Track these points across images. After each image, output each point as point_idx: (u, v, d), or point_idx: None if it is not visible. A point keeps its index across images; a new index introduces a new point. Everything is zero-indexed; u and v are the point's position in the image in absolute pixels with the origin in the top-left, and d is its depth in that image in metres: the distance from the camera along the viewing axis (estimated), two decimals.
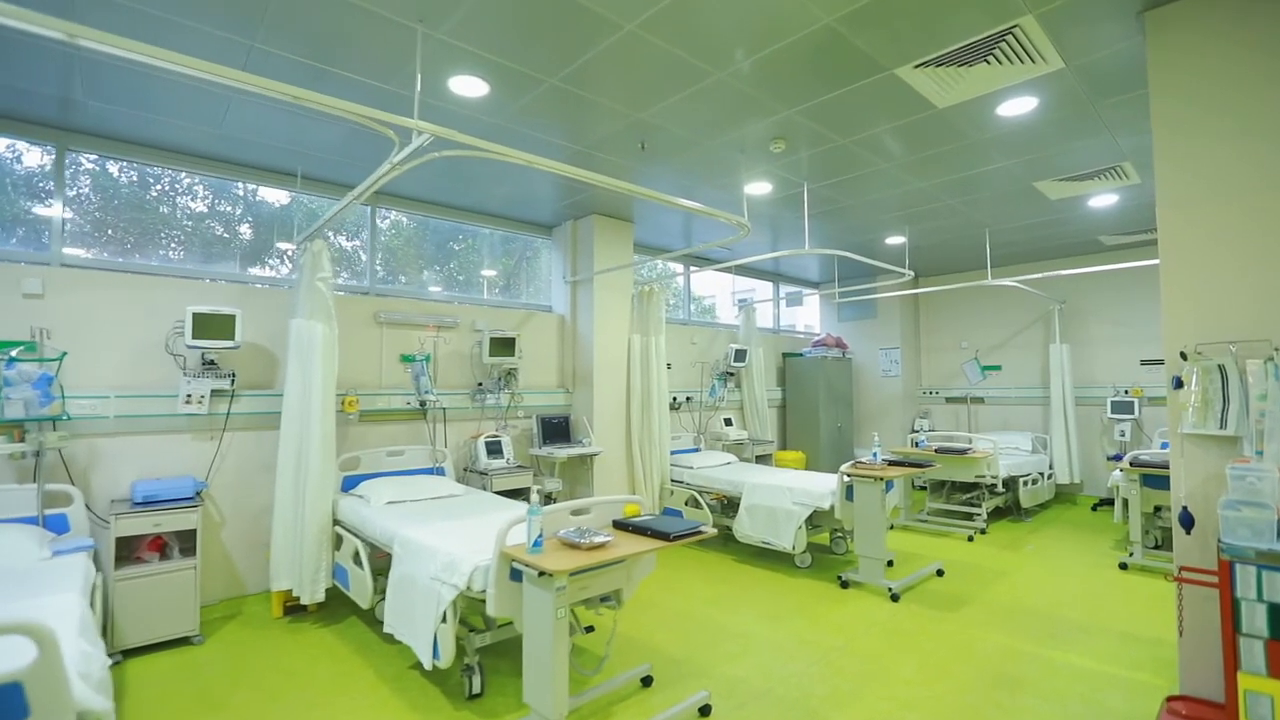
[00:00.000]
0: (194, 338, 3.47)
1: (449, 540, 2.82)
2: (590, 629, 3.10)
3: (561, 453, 4.88)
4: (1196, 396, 2.31)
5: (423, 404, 4.52)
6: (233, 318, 3.58)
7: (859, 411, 8.32)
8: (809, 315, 9.19)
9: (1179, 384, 2.37)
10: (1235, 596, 1.90)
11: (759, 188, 4.67)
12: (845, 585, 4.19)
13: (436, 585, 2.61)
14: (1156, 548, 4.96)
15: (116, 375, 3.50)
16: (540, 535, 2.32)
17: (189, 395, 3.60)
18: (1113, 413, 6.63)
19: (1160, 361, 6.63)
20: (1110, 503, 6.64)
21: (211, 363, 3.71)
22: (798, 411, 7.58)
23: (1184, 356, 2.37)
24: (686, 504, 5.28)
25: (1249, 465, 2.00)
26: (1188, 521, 2.30)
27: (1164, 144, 2.49)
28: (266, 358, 3.99)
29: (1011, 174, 4.43)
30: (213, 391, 3.70)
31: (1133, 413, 6.54)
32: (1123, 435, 6.62)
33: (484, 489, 4.48)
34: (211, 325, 3.52)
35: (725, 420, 6.54)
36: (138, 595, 3.14)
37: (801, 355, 7.63)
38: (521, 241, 5.79)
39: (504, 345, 4.86)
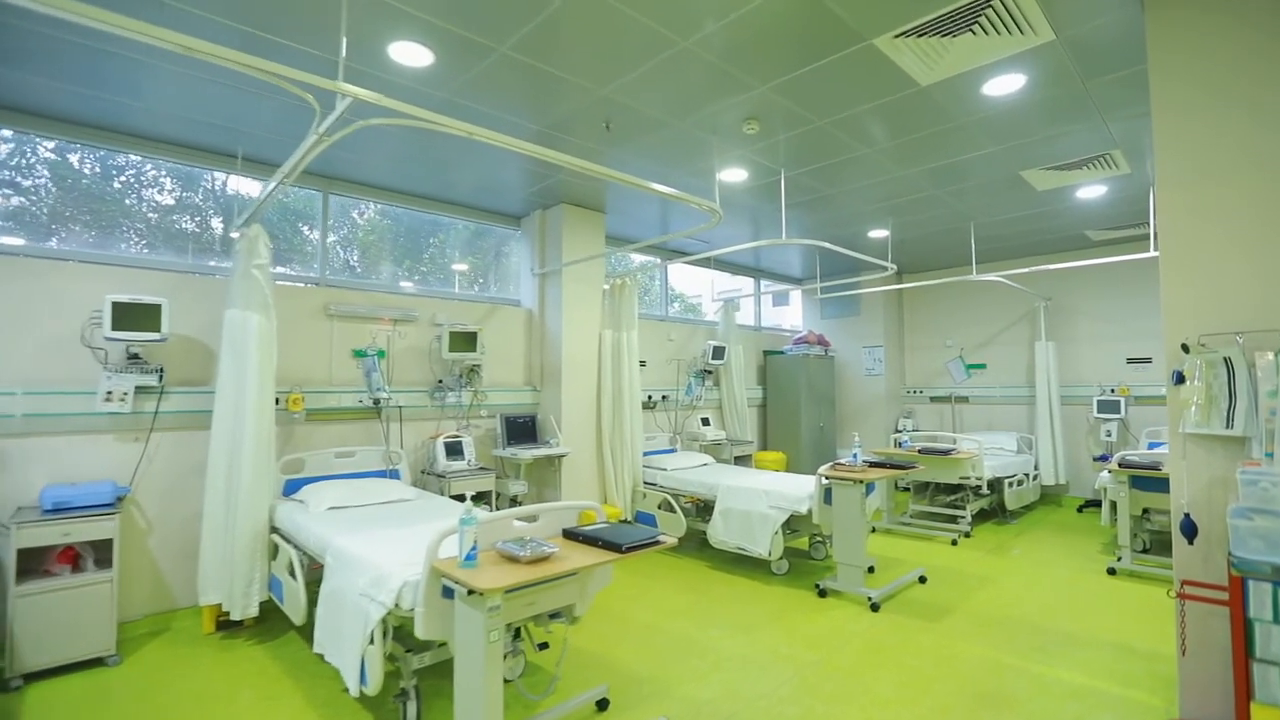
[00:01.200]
0: (114, 329, 3.17)
1: (382, 551, 2.55)
2: (544, 646, 2.85)
3: (526, 454, 4.62)
4: (1200, 393, 2.10)
5: (376, 402, 4.24)
6: (158, 307, 3.28)
7: (841, 411, 8.12)
8: (796, 316, 8.98)
9: (1180, 379, 2.16)
10: (1248, 617, 1.69)
11: (734, 174, 4.43)
12: (823, 594, 3.96)
13: (365, 602, 2.34)
14: (1145, 552, 4.79)
15: (25, 370, 3.19)
16: (474, 547, 2.06)
17: (110, 392, 3.29)
18: (1099, 412, 6.48)
19: (1148, 360, 6.49)
20: (1096, 504, 6.49)
21: (136, 357, 3.41)
22: (778, 411, 7.37)
23: (1185, 349, 2.16)
24: (660, 507, 5.04)
25: (1261, 469, 1.79)
26: (1190, 530, 2.09)
27: (1163, 122, 2.28)
28: (202, 352, 3.69)
29: (998, 162, 4.23)
30: (138, 388, 3.39)
31: (1119, 412, 6.38)
32: (1109, 435, 6.47)
33: (441, 493, 4.20)
34: (134, 316, 3.23)
35: (702, 420, 6.30)
36: (43, 612, 2.84)
37: (783, 353, 7.41)
38: (497, 236, 5.51)
39: (465, 340, 4.59)
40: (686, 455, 5.65)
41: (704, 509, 4.94)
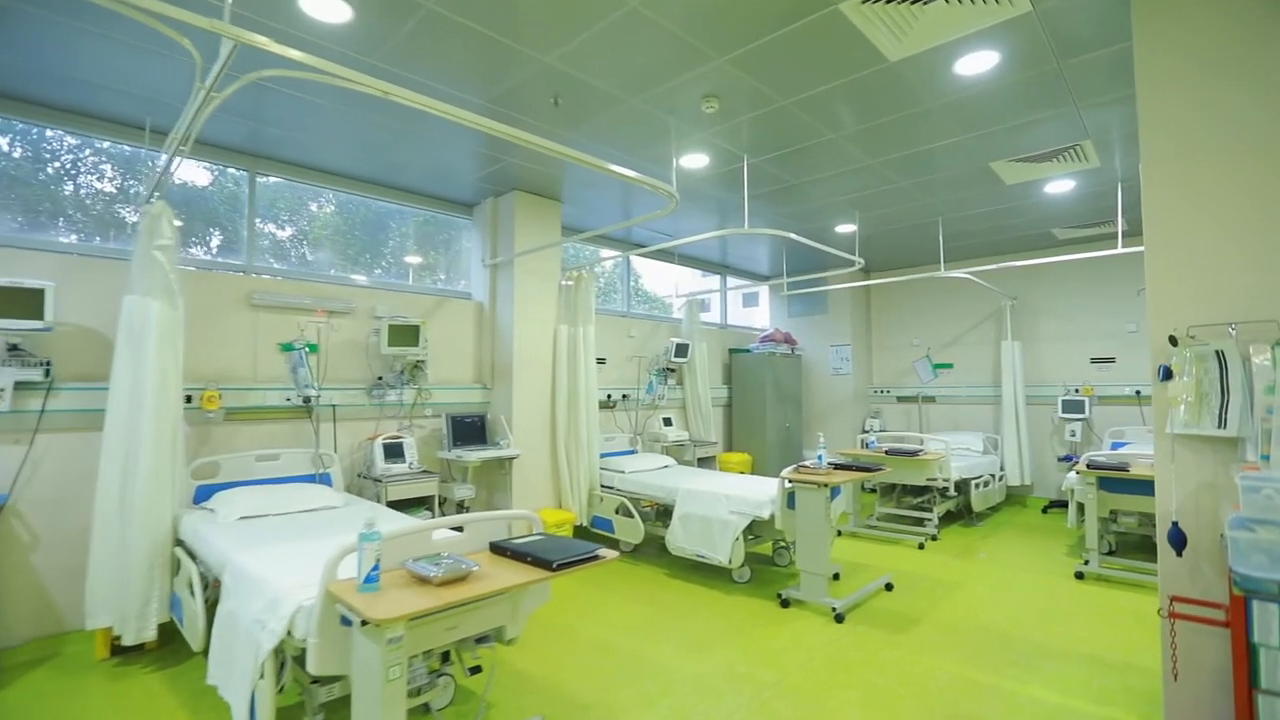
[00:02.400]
0: None
1: (283, 570, 2.23)
2: (477, 669, 2.56)
3: (473, 456, 4.31)
4: (1189, 390, 1.91)
5: (306, 400, 3.88)
6: (41, 293, 2.90)
7: (808, 411, 7.96)
8: (766, 317, 8.79)
9: (1167, 375, 1.97)
10: (1252, 642, 1.49)
11: (695, 160, 4.19)
12: (785, 604, 3.74)
13: (257, 630, 2.03)
14: (1110, 554, 4.69)
15: None
16: (376, 567, 1.77)
17: None
18: (1064, 412, 6.41)
19: (1111, 360, 6.45)
20: (1061, 504, 6.43)
21: (15, 348, 3.01)
22: (744, 411, 7.16)
23: (1174, 341, 1.97)
24: (617, 512, 4.77)
25: (1264, 475, 1.60)
26: (1179, 541, 1.90)
27: (1149, 94, 2.10)
28: (100, 344, 3.30)
29: (967, 151, 4.06)
30: (17, 384, 3.00)
31: (1083, 412, 6.33)
32: (1073, 435, 6.41)
33: (377, 499, 3.87)
34: (11, 301, 2.84)
35: (664, 420, 6.05)
36: None
37: (748, 351, 7.21)
38: (448, 225, 5.18)
39: (406, 334, 4.25)
40: (647, 457, 5.39)
41: (664, 513, 4.69)
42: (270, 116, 3.55)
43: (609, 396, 5.82)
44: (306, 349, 3.71)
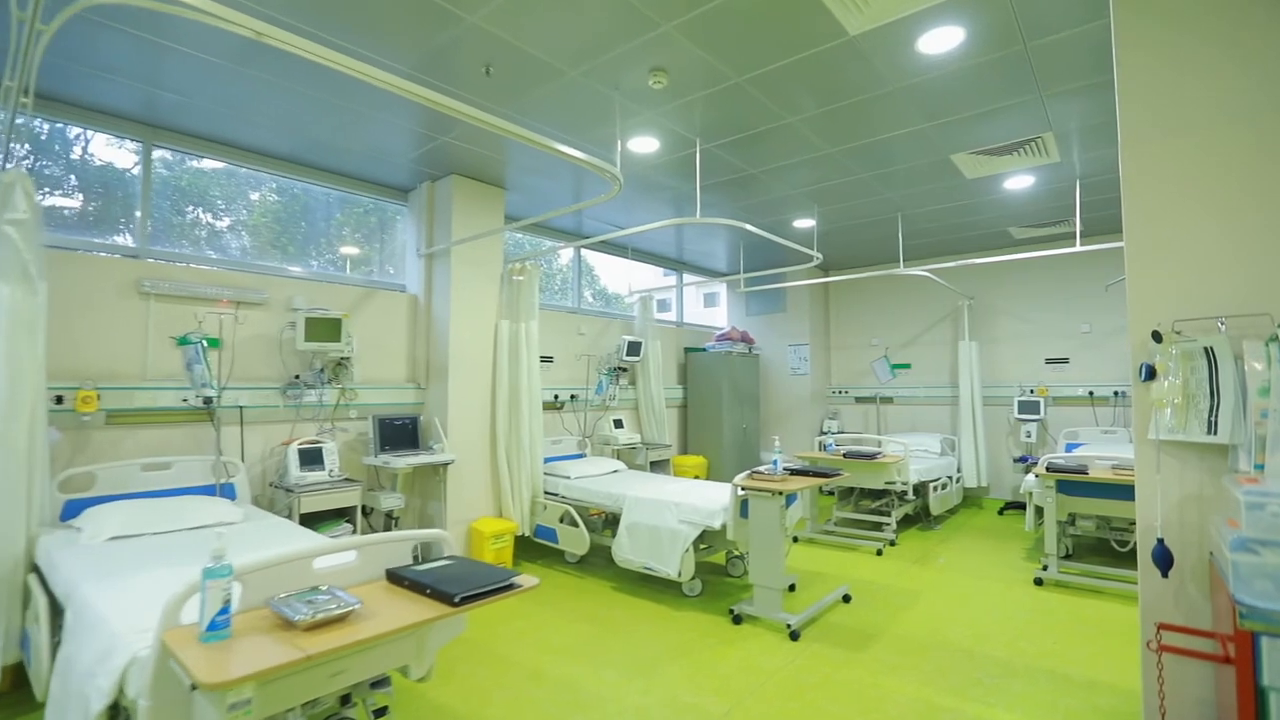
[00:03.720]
0: None
1: (133, 605, 1.85)
2: (382, 711, 2.22)
3: (402, 462, 3.94)
4: (1175, 391, 1.71)
5: (207, 401, 3.45)
6: None
7: (766, 412, 7.78)
8: (725, 317, 8.59)
9: (1150, 374, 1.77)
10: (1261, 685, 1.28)
11: (644, 144, 3.91)
12: (738, 620, 3.49)
13: (87, 683, 1.65)
14: (1067, 558, 4.59)
15: None
16: (227, 610, 1.42)
17: None
18: (1019, 413, 6.37)
19: (1065, 360, 6.43)
20: (1016, 506, 6.37)
21: None
22: (700, 412, 6.92)
23: (1157, 337, 1.77)
24: (562, 521, 4.46)
25: (1268, 488, 1.39)
26: (1165, 560, 1.70)
27: (1128, 62, 1.90)
28: None
29: (928, 142, 3.89)
30: None
31: (1039, 413, 6.29)
32: (1029, 436, 6.37)
33: (288, 511, 3.47)
34: None
35: (615, 422, 5.76)
36: None
37: (705, 350, 6.97)
38: (382, 212, 4.78)
39: (326, 328, 3.85)
40: (595, 461, 5.09)
41: (612, 521, 4.40)
42: (167, 79, 3.12)
43: (556, 397, 5.49)
44: (204, 343, 3.28)
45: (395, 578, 1.82)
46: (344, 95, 3.27)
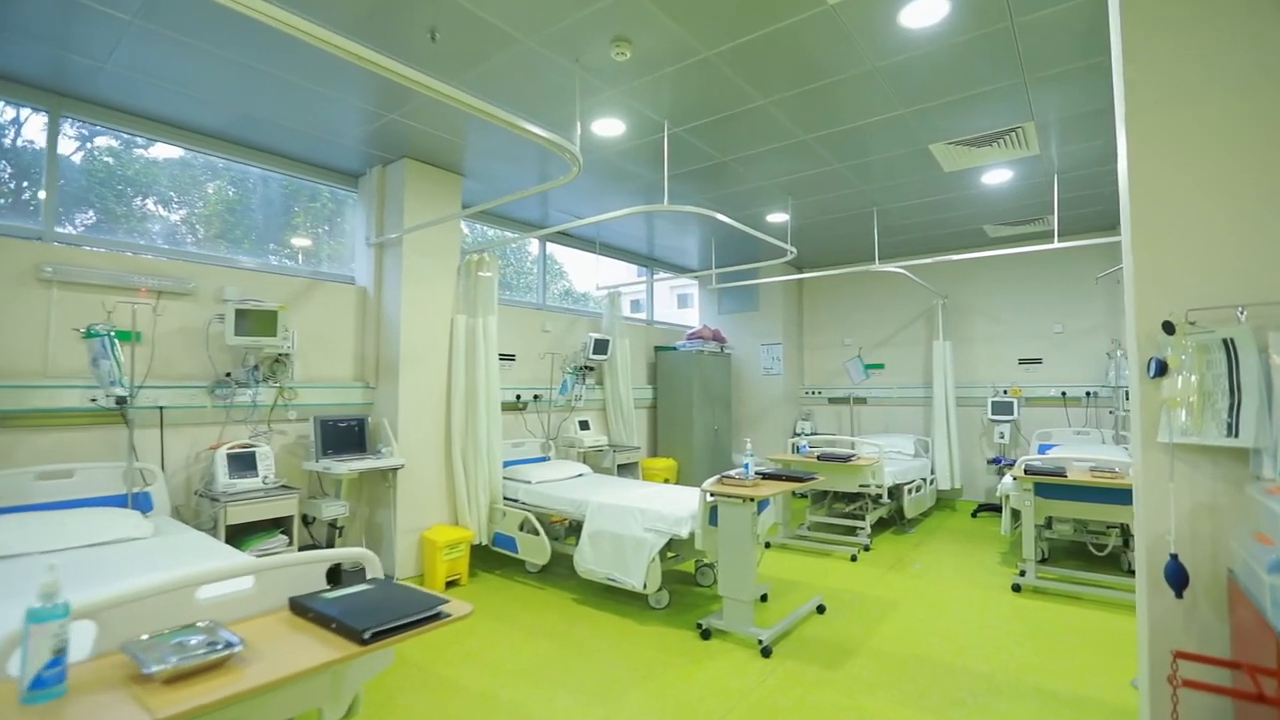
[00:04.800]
0: None
1: None
2: None
3: (344, 466, 3.62)
4: (1190, 388, 1.52)
5: (120, 402, 3.10)
6: None
7: (738, 413, 7.58)
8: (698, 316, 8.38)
9: (1161, 369, 1.58)
10: None
11: (609, 126, 3.67)
12: (706, 635, 3.26)
13: None
14: (1043, 561, 4.47)
15: None
16: (59, 660, 1.14)
17: None
18: (993, 414, 6.27)
19: (1038, 360, 6.36)
20: (990, 508, 6.28)
21: None
22: (670, 413, 6.70)
23: (1169, 329, 1.58)
24: (521, 528, 4.19)
25: None
26: (1179, 579, 1.51)
27: (1133, 18, 1.71)
28: None
29: (907, 130, 3.72)
30: None
31: (1012, 414, 6.21)
32: (1002, 437, 6.28)
33: (213, 523, 3.14)
34: None
35: (580, 423, 5.50)
36: None
37: (675, 349, 6.75)
38: (340, 204, 4.44)
39: (259, 321, 3.52)
40: (559, 465, 4.82)
41: (576, 529, 4.13)
42: (75, 40, 2.78)
43: (518, 397, 5.21)
44: (112, 336, 2.93)
45: (300, 608, 1.54)
46: (273, 60, 2.96)
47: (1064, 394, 6.15)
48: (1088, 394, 6.02)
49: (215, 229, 3.96)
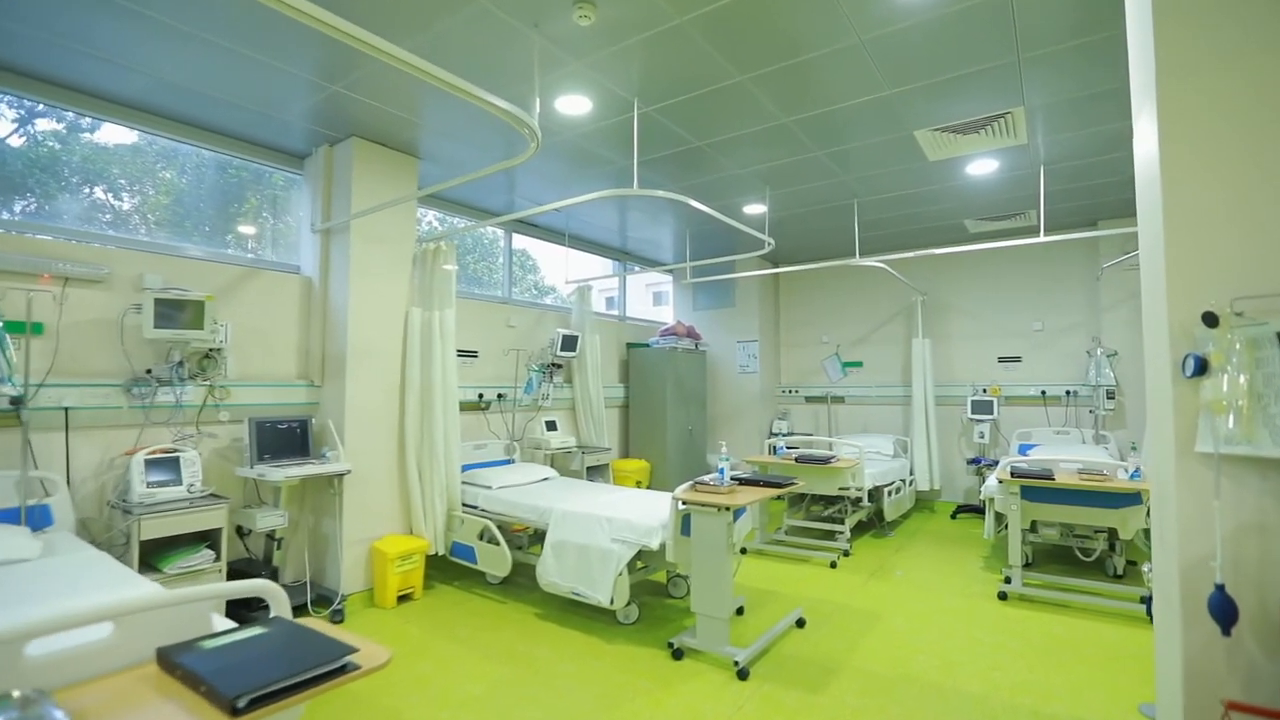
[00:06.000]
0: None
1: None
2: None
3: (279, 473, 3.29)
4: (1238, 390, 1.30)
5: (15, 402, 2.73)
6: None
7: (713, 412, 7.35)
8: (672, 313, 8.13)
9: (1200, 367, 1.36)
10: None
11: (575, 103, 3.38)
12: (679, 655, 3.00)
13: None
14: (1027, 566, 4.31)
15: None
16: None
17: None
18: (972, 413, 6.13)
19: (1017, 359, 6.24)
20: (969, 509, 6.14)
21: None
22: (643, 412, 6.44)
23: (1211, 320, 1.36)
24: (481, 537, 3.89)
25: None
26: (1227, 614, 1.29)
27: None
28: None
29: (891, 112, 3.50)
30: None
31: (991, 413, 6.07)
32: (982, 437, 6.15)
33: (125, 540, 2.79)
34: None
35: (548, 424, 5.21)
36: None
37: (648, 346, 6.49)
38: (287, 188, 4.08)
39: (184, 312, 3.17)
40: (522, 468, 4.53)
41: (540, 537, 3.85)
42: None
43: (481, 396, 4.90)
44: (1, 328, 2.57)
45: (168, 663, 1.24)
46: (194, 19, 2.61)
47: (1044, 393, 6.04)
48: (1067, 393, 5.91)
49: (141, 211, 3.58)
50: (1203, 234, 1.41)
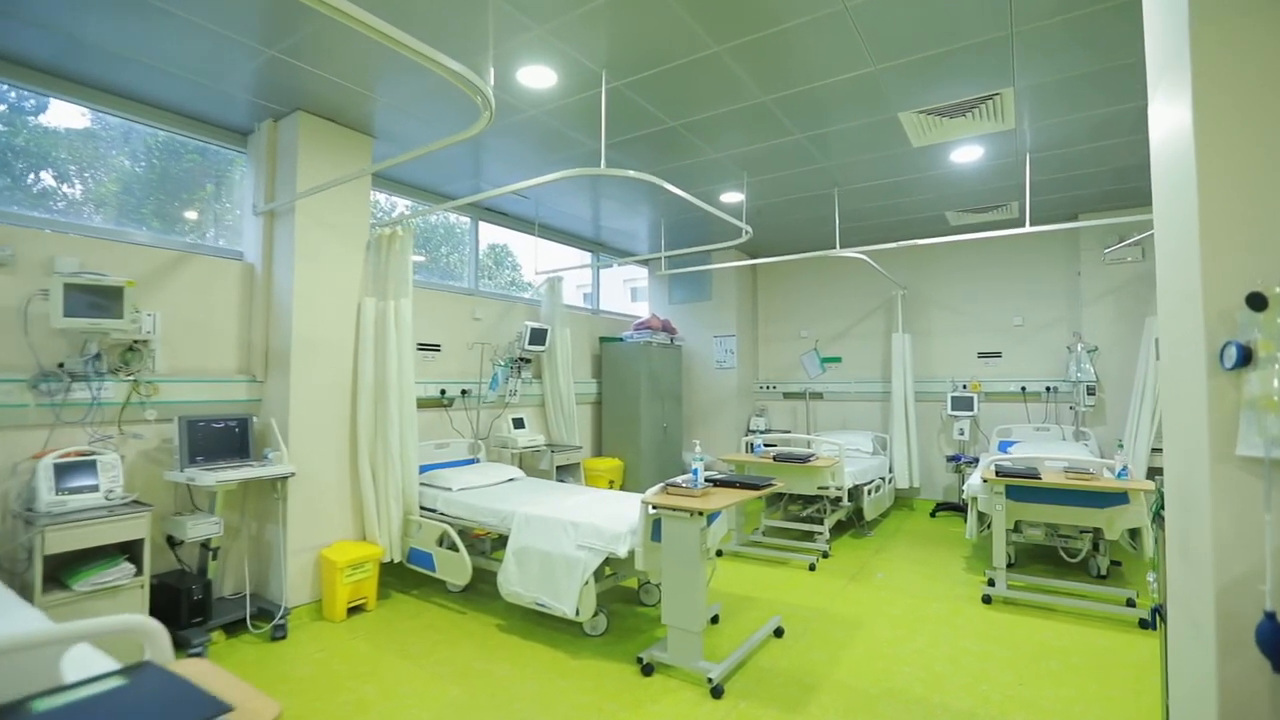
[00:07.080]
0: None
1: None
2: None
3: (211, 478, 2.99)
4: None
5: None
6: None
7: (689, 409, 7.15)
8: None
9: (1244, 358, 1.17)
10: None
11: (538, 75, 3.13)
12: (649, 671, 2.78)
13: None
14: (1010, 566, 4.18)
15: None
16: None
17: None
18: (952, 409, 6.02)
19: (998, 354, 6.13)
20: (949, 506, 6.02)
21: None
22: (616, 409, 6.20)
23: (1258, 302, 1.17)
24: (440, 543, 3.63)
25: None
26: (1277, 646, 1.10)
27: None
28: None
29: (875, 91, 3.31)
30: None
31: (972, 409, 5.96)
32: (962, 434, 6.03)
33: (26, 553, 2.48)
34: None
35: (515, 421, 4.95)
36: None
37: (621, 340, 6.25)
38: (227, 166, 3.75)
39: (100, 299, 2.85)
40: (487, 468, 4.27)
41: (503, 542, 3.60)
42: None
43: (444, 392, 4.63)
44: None
45: None
46: None
47: (1024, 389, 5.94)
48: (1048, 389, 5.82)
49: (59, 189, 3.24)
50: (1245, 203, 1.22)
